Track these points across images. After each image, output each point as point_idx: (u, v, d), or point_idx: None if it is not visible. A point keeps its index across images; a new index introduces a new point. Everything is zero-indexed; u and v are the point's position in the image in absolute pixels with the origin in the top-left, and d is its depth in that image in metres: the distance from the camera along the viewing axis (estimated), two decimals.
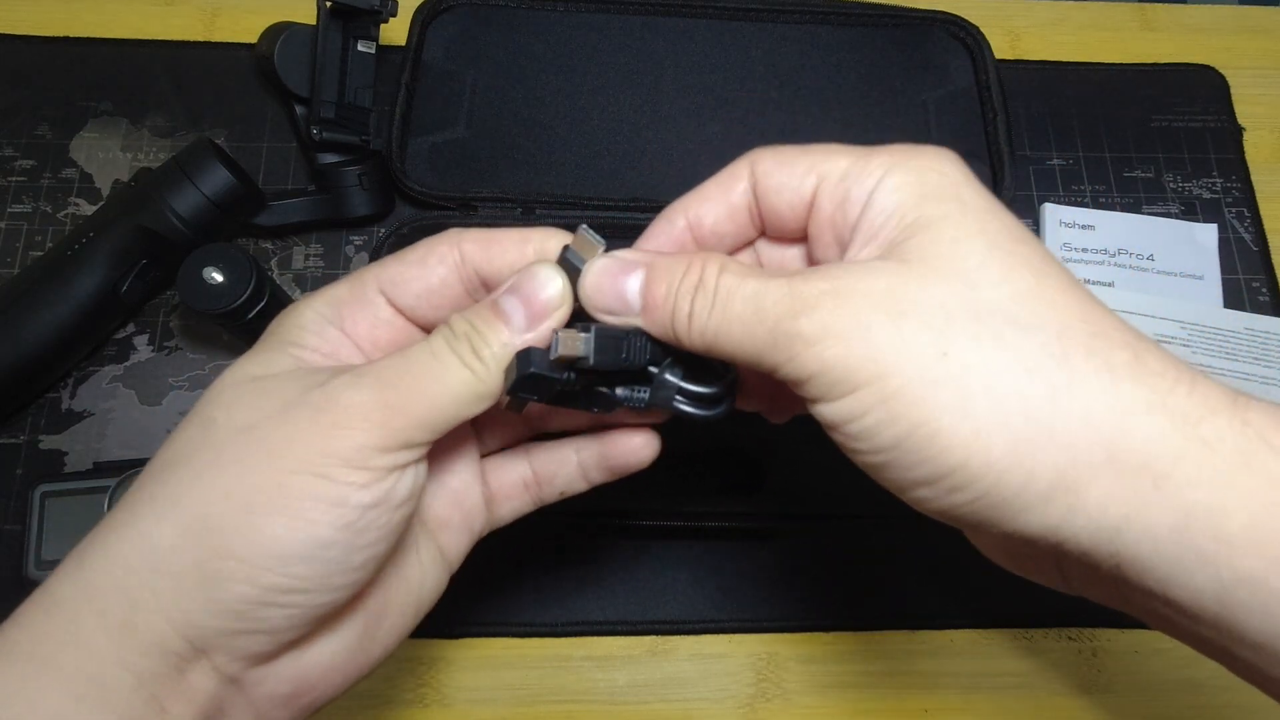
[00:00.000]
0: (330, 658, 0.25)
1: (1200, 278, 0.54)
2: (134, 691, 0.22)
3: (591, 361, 0.24)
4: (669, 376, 0.26)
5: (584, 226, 0.25)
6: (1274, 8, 0.63)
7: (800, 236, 0.26)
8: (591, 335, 0.24)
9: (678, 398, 0.26)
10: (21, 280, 0.46)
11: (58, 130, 0.54)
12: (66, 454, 0.47)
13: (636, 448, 0.28)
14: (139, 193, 0.47)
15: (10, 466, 0.47)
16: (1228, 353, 0.52)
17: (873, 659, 0.46)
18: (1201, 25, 0.62)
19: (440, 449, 0.28)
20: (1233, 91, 0.60)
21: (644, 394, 0.26)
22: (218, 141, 0.50)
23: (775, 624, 0.46)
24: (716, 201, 0.26)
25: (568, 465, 0.29)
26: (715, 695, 0.45)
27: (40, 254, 0.50)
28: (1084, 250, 0.54)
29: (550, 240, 0.26)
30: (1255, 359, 0.52)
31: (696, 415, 0.27)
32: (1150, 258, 0.54)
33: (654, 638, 0.46)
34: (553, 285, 0.24)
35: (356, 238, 0.53)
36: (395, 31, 0.53)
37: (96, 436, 0.48)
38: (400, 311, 0.27)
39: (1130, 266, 0.54)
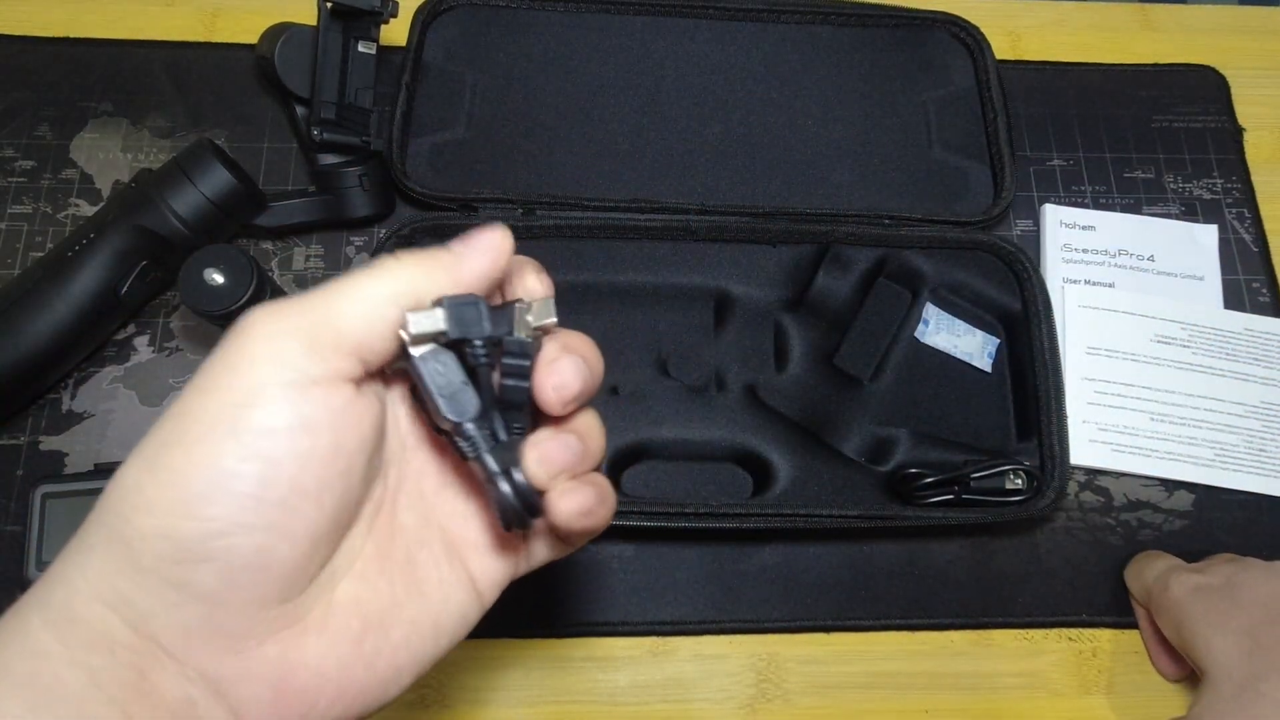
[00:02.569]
0: (319, 660, 0.23)
1: (1200, 278, 0.54)
2: (87, 692, 0.20)
3: (452, 334, 0.23)
4: (494, 463, 0.24)
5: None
6: (1274, 8, 0.63)
7: None
8: (444, 304, 0.23)
9: (502, 479, 0.24)
10: (22, 281, 0.46)
11: (58, 131, 0.54)
12: (67, 455, 0.47)
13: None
14: (139, 193, 0.47)
15: (11, 467, 0.47)
16: (1228, 353, 0.52)
17: (873, 659, 0.46)
18: (1201, 25, 0.62)
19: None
20: (1233, 92, 0.60)
21: (476, 438, 0.24)
22: (218, 142, 0.50)
23: (775, 624, 0.46)
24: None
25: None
26: (716, 696, 0.45)
27: (41, 255, 0.50)
28: (1084, 251, 0.54)
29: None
30: (1255, 359, 0.52)
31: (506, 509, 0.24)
32: (1150, 258, 0.54)
33: (655, 638, 0.46)
34: (499, 234, 0.24)
35: (357, 239, 0.53)
36: (395, 32, 0.53)
37: (97, 438, 0.48)
38: None
39: (1130, 267, 0.54)
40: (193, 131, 0.55)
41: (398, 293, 0.23)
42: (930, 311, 0.51)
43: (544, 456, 0.24)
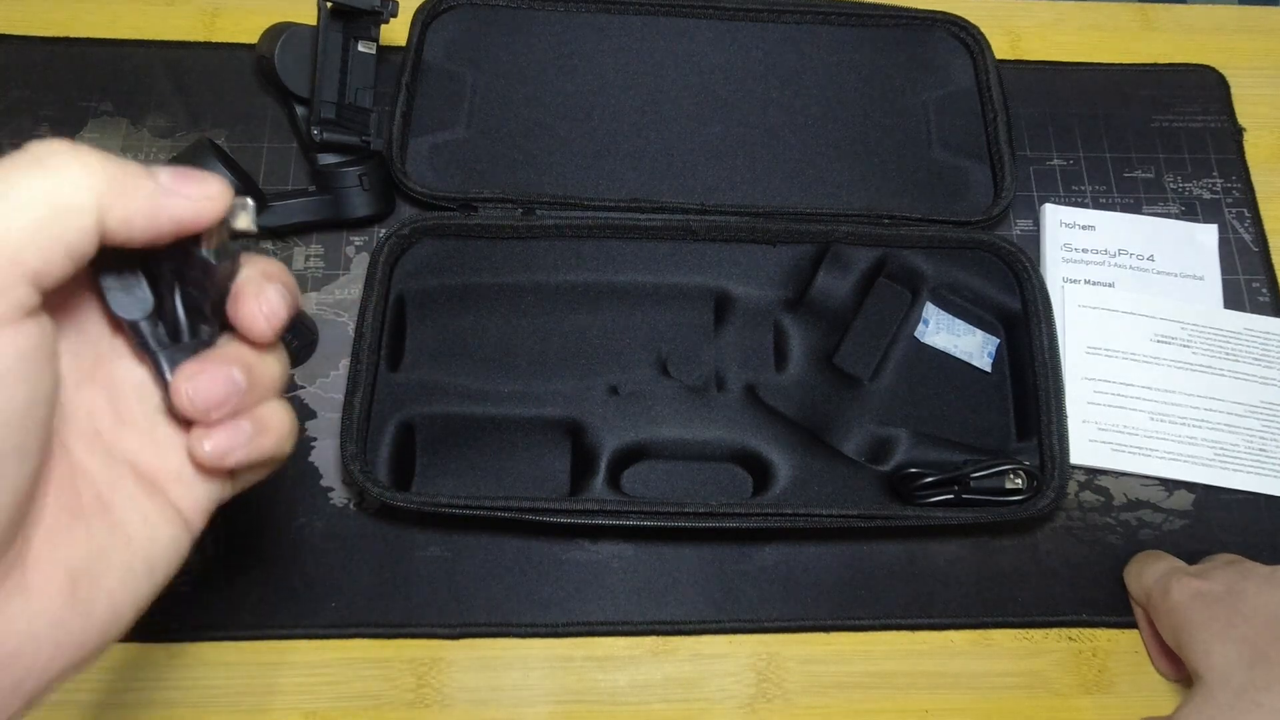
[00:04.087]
0: (27, 624, 0.21)
1: (1200, 278, 0.54)
2: None
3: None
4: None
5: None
6: (1274, 8, 0.63)
7: None
8: None
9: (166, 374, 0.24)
10: None
11: (58, 130, 0.54)
12: None
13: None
14: None
15: None
16: (1228, 353, 0.52)
17: (873, 659, 0.46)
18: (1201, 25, 0.62)
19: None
20: (1233, 91, 0.60)
21: (146, 335, 0.24)
22: (218, 142, 0.50)
23: (775, 624, 0.46)
24: None
25: None
26: (716, 696, 0.45)
27: None
28: (1084, 251, 0.54)
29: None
30: (1255, 359, 0.52)
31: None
32: (1150, 258, 0.54)
33: (655, 638, 0.46)
34: (218, 186, 0.23)
35: (357, 238, 0.53)
36: (395, 32, 0.53)
37: None
38: None
39: (1130, 267, 0.54)
40: (193, 131, 0.55)
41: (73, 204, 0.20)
42: (930, 311, 0.51)
43: (195, 393, 0.23)
